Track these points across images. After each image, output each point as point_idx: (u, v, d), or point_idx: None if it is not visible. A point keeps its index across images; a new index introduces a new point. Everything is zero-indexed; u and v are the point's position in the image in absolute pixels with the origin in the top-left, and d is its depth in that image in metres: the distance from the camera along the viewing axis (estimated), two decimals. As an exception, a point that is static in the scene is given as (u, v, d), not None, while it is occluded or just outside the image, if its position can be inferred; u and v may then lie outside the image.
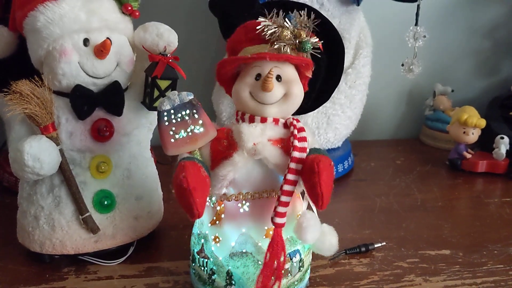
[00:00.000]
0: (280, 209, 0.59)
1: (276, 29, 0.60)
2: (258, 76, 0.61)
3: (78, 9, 0.68)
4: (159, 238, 0.81)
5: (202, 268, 0.65)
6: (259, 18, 0.61)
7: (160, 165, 0.83)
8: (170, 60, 0.72)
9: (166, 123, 0.60)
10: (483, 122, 1.08)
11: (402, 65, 1.00)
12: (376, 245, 0.78)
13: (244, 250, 0.62)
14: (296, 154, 0.59)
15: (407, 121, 1.35)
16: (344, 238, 0.76)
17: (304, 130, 0.61)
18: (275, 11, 0.61)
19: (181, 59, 0.74)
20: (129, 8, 0.72)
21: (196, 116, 0.60)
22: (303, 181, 0.59)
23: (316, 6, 0.94)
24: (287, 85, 0.61)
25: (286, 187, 0.59)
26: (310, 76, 0.64)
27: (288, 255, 0.63)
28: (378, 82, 1.17)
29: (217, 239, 0.63)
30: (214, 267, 0.63)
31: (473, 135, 1.09)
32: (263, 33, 0.60)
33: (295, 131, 0.60)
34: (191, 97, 0.61)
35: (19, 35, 0.73)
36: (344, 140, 1.10)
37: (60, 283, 0.70)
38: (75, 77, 0.68)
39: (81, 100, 0.69)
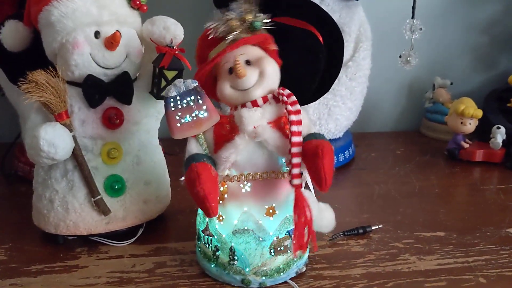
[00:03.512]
0: (295, 171, 0.63)
1: (224, 24, 0.65)
2: (231, 70, 0.65)
3: (90, 4, 0.72)
4: (167, 221, 0.85)
5: (207, 246, 0.69)
6: (206, 24, 0.66)
7: (168, 155, 0.87)
8: (177, 52, 0.76)
9: (173, 109, 0.64)
10: (479, 113, 1.11)
11: (400, 56, 1.03)
12: (373, 227, 0.82)
13: (246, 228, 0.65)
14: (293, 121, 0.63)
15: (407, 114, 1.39)
16: (343, 221, 0.80)
17: (295, 102, 0.64)
18: (220, 12, 0.66)
19: (187, 50, 0.77)
20: (138, 2, 0.76)
21: (200, 102, 0.64)
22: (306, 166, 0.63)
23: (316, 1, 0.97)
24: (258, 65, 0.66)
25: (294, 150, 0.63)
26: (276, 49, 0.68)
27: (287, 233, 0.67)
28: (379, 75, 1.21)
29: (221, 218, 0.67)
30: (218, 244, 0.67)
31: (470, 126, 1.12)
32: (217, 34, 0.65)
33: (289, 107, 0.63)
34: (196, 84, 0.65)
35: (34, 30, 0.77)
36: (345, 130, 1.13)
37: (73, 262, 0.74)
38: (87, 67, 0.72)
39: (93, 90, 0.73)
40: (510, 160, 1.09)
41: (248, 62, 0.66)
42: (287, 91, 0.65)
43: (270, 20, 0.67)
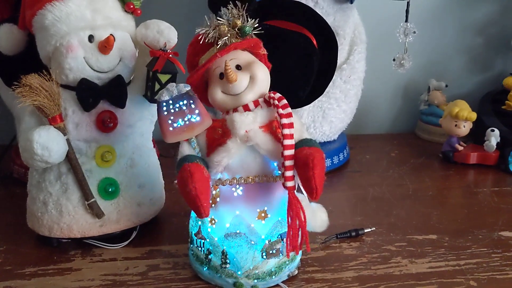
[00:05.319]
0: (288, 173, 0.63)
1: (214, 30, 0.65)
2: (222, 75, 0.66)
3: (84, 8, 0.73)
4: (161, 224, 0.85)
5: (200, 249, 0.69)
6: (196, 31, 0.67)
7: (163, 158, 0.88)
8: (170, 56, 0.76)
9: (165, 113, 0.65)
10: (474, 115, 1.12)
11: (394, 60, 1.04)
12: (366, 230, 0.82)
13: (237, 231, 0.66)
14: (285, 124, 0.63)
15: (403, 116, 1.39)
16: (336, 224, 0.81)
17: (286, 105, 0.64)
18: (207, 17, 0.67)
19: (181, 54, 0.78)
20: (132, 6, 0.77)
21: (192, 106, 0.65)
22: (298, 175, 0.64)
23: (310, 4, 0.97)
24: (248, 69, 0.66)
25: (287, 152, 0.63)
26: (266, 53, 0.69)
27: (279, 236, 0.67)
28: (374, 78, 1.21)
29: (213, 221, 0.68)
30: (210, 247, 0.68)
31: (465, 128, 1.13)
32: (207, 40, 0.66)
33: (280, 110, 0.64)
34: (188, 88, 0.65)
35: (28, 33, 0.77)
36: (339, 133, 1.14)
37: (67, 264, 0.74)
38: (81, 71, 0.73)
39: (87, 93, 0.74)
40: (504, 163, 1.09)
41: (238, 67, 0.66)
42: (278, 95, 0.65)
43: (262, 23, 0.68)
